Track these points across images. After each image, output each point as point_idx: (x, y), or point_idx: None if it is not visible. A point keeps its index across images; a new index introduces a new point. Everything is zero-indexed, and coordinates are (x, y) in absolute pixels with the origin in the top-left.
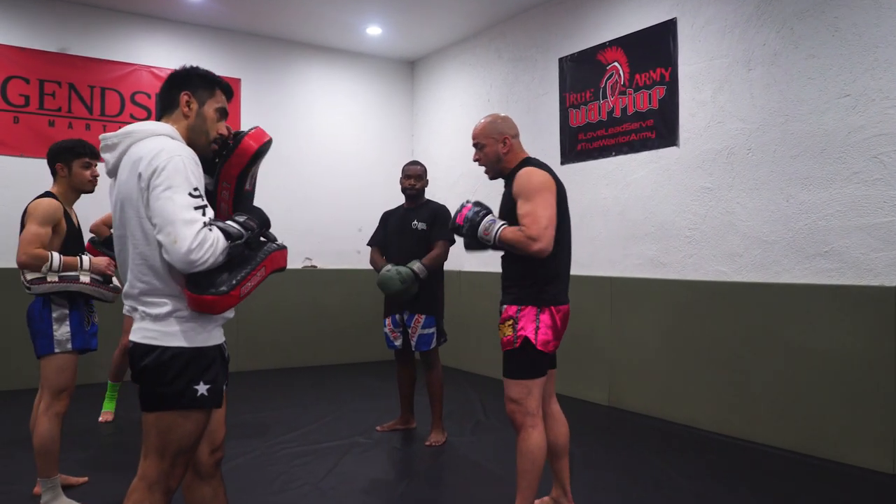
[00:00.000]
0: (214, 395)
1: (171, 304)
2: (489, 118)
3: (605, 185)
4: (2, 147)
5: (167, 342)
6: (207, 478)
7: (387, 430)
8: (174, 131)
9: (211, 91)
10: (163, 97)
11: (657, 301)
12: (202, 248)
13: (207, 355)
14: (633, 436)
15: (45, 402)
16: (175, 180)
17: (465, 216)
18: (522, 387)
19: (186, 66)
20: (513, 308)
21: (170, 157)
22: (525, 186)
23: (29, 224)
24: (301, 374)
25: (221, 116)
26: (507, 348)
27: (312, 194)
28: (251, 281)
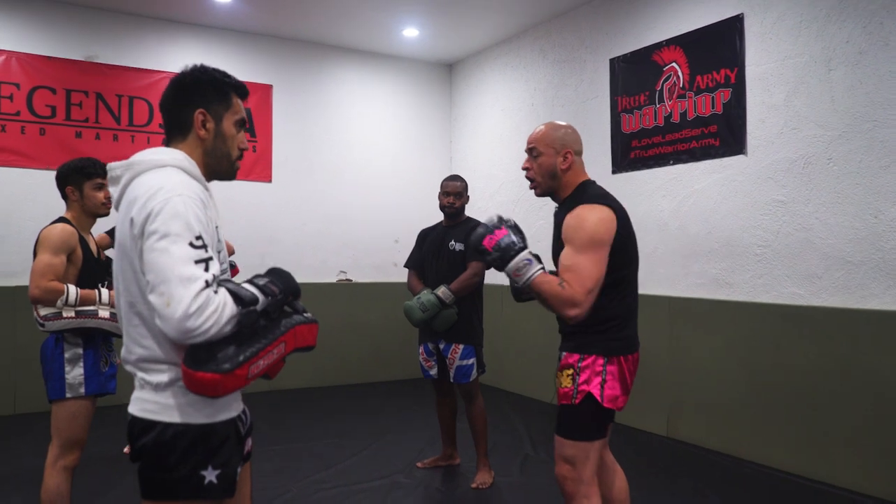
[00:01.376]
0: (225, 482)
1: (173, 371)
2: (551, 124)
3: (662, 197)
4: (28, 160)
5: (169, 417)
6: None
7: (428, 466)
8: (186, 160)
9: (227, 101)
10: (171, 116)
11: (722, 324)
12: (202, 313)
13: (218, 433)
14: (695, 472)
15: (53, 452)
16: (172, 226)
17: (496, 242)
18: (578, 449)
19: (193, 70)
20: (574, 356)
21: (167, 197)
22: (577, 232)
23: (41, 253)
24: (337, 393)
25: (241, 128)
26: (563, 402)
27: (347, 205)
28: (265, 359)
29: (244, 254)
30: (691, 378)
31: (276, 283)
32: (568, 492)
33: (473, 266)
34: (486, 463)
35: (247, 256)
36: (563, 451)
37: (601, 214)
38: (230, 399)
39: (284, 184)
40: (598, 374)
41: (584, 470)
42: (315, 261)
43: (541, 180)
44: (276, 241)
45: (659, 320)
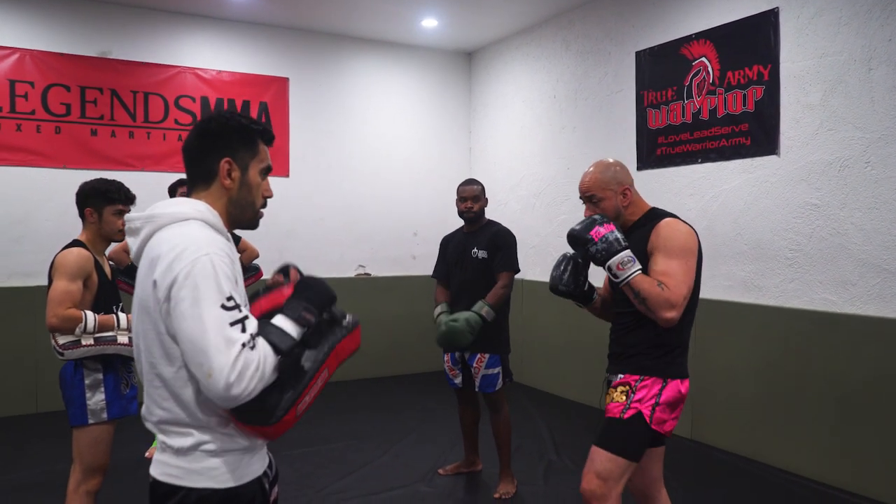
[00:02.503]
0: None
1: (196, 434)
2: (601, 165)
3: (688, 196)
4: (45, 159)
5: (192, 483)
6: None
7: (450, 472)
8: (209, 212)
9: (253, 149)
10: (195, 163)
11: (749, 328)
12: (244, 378)
13: (243, 496)
14: (719, 477)
15: (75, 477)
16: (202, 290)
17: (603, 235)
18: (615, 465)
19: (219, 116)
20: (633, 377)
21: (194, 259)
22: (670, 240)
23: (57, 280)
24: (358, 387)
25: (266, 175)
26: (611, 415)
27: (365, 198)
28: (309, 394)
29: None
30: (717, 381)
31: (311, 309)
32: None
33: (504, 277)
34: (509, 472)
35: (265, 252)
36: (597, 464)
37: (690, 229)
38: (257, 456)
39: (302, 178)
40: (654, 397)
41: (614, 489)
42: (334, 255)
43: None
44: (295, 235)
45: None
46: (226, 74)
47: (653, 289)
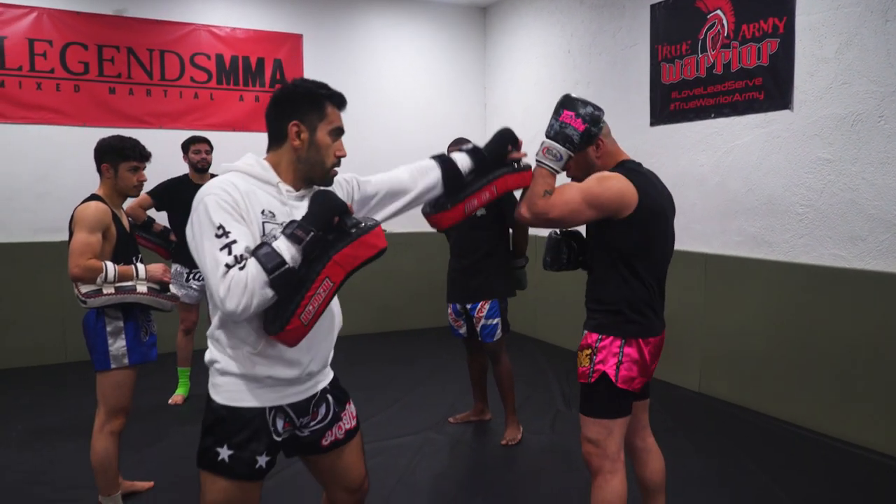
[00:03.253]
0: (238, 464)
1: (212, 351)
2: None
3: (701, 151)
4: (65, 117)
5: (210, 392)
6: None
7: (460, 421)
8: (257, 165)
9: (321, 112)
10: (270, 128)
11: (759, 283)
12: (234, 295)
13: (240, 418)
14: (726, 429)
15: (100, 419)
16: (202, 225)
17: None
18: (601, 427)
19: (290, 84)
20: (593, 336)
21: (198, 202)
22: (589, 180)
23: (78, 232)
24: (372, 341)
25: (337, 137)
26: (581, 380)
27: (380, 155)
28: (312, 303)
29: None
30: (725, 335)
31: (304, 226)
32: (594, 466)
33: (521, 228)
34: (515, 419)
35: None
36: (586, 430)
37: (620, 182)
38: (261, 391)
39: None
40: (615, 356)
41: (609, 445)
42: None
43: (584, 175)
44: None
45: (694, 277)
46: (240, 31)
47: (536, 186)
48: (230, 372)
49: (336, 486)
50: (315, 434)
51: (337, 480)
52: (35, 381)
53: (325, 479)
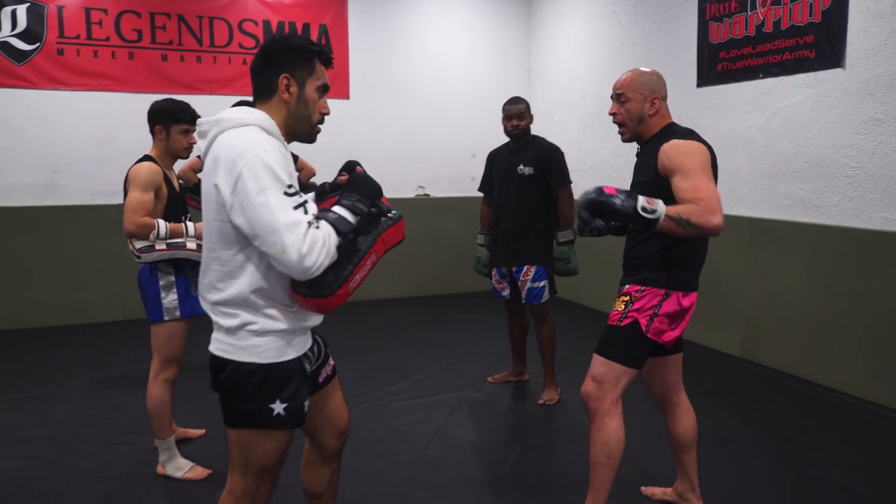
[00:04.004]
0: (293, 414)
1: (242, 315)
2: (637, 70)
3: (749, 112)
4: (120, 84)
5: (240, 357)
6: (329, 460)
7: (498, 381)
8: (267, 121)
9: (310, 67)
10: (258, 79)
11: (806, 248)
12: (313, 251)
13: (284, 371)
14: (768, 395)
15: (155, 368)
16: (264, 181)
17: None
18: (610, 369)
19: (280, 37)
20: (635, 288)
21: (253, 156)
22: (686, 157)
23: (132, 191)
24: (416, 304)
25: (323, 93)
26: (610, 322)
27: (425, 120)
28: (360, 273)
29: (325, 171)
30: (769, 300)
31: (363, 200)
32: (591, 408)
33: (564, 192)
34: (553, 381)
35: (328, 174)
36: (594, 368)
37: (702, 147)
38: (297, 339)
39: (362, 100)
40: (652, 308)
41: (611, 392)
42: (394, 176)
43: (630, 125)
44: (355, 156)
45: (739, 241)
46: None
47: (689, 208)
48: (271, 330)
49: (325, 431)
50: (314, 373)
51: (327, 423)
52: (97, 336)
53: (317, 425)
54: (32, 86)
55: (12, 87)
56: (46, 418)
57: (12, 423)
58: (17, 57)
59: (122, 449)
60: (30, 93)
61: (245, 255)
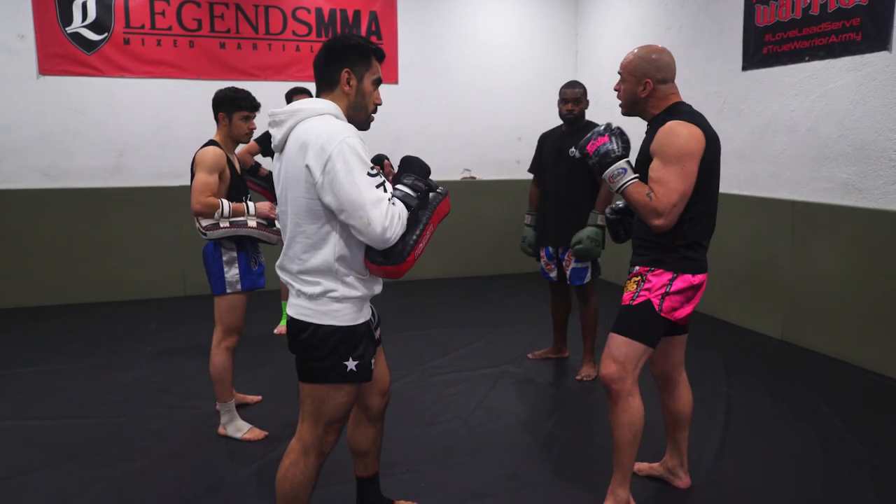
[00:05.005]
0: (363, 370)
1: (324, 283)
2: (641, 52)
3: (794, 96)
4: (182, 71)
5: (320, 320)
6: (374, 420)
7: (538, 357)
8: (338, 110)
9: (367, 63)
10: (321, 73)
11: (848, 231)
12: (393, 224)
13: (357, 333)
14: (807, 379)
15: (217, 336)
16: (352, 164)
17: (596, 148)
18: (630, 348)
19: (342, 36)
20: (645, 269)
21: (341, 141)
22: (665, 146)
23: (199, 173)
24: (460, 285)
25: (377, 86)
26: (623, 303)
27: (472, 103)
28: (423, 242)
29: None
30: (810, 283)
31: (420, 178)
32: (613, 390)
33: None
34: (592, 358)
35: None
36: (613, 349)
37: (689, 133)
38: (366, 306)
39: (410, 85)
40: (663, 287)
41: (631, 372)
42: (441, 159)
43: (625, 104)
44: (403, 141)
45: (781, 224)
46: None
47: (641, 199)
48: (349, 297)
49: (373, 390)
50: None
51: (375, 382)
52: (160, 311)
53: (366, 385)
54: (101, 74)
55: (83, 75)
56: (115, 384)
57: (84, 388)
58: (87, 46)
59: (186, 412)
60: (98, 80)
61: (330, 228)
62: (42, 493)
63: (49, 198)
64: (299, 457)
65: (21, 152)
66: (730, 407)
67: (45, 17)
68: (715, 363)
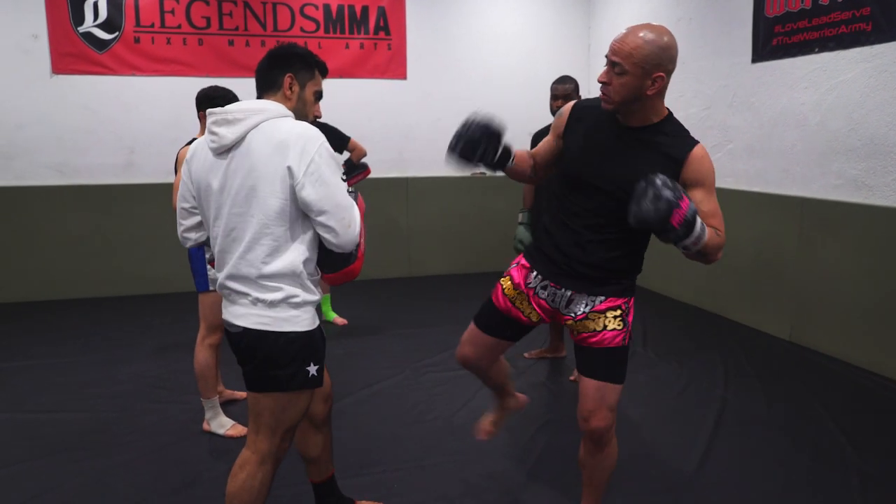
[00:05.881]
0: (321, 374)
1: (286, 288)
2: (651, 35)
3: (803, 89)
4: (191, 69)
5: (282, 328)
6: (320, 426)
7: (534, 357)
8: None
9: (311, 73)
10: (264, 76)
11: (858, 229)
12: (356, 227)
13: (315, 337)
14: (814, 382)
15: (201, 333)
16: (332, 166)
17: (684, 217)
18: (619, 393)
19: (286, 46)
20: (621, 300)
21: (320, 144)
22: (708, 175)
23: (178, 173)
24: (467, 281)
25: (318, 99)
26: (612, 344)
27: (481, 99)
28: (363, 237)
29: (383, 150)
30: (820, 284)
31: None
32: (604, 440)
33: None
34: None
35: (386, 152)
36: (609, 399)
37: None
38: (316, 311)
39: (419, 81)
40: (632, 316)
41: (614, 414)
42: None
43: (618, 100)
44: (413, 137)
45: (789, 222)
46: None
47: (714, 240)
48: (309, 301)
49: (317, 397)
50: None
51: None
52: (166, 306)
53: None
54: (112, 72)
55: (94, 73)
56: (111, 379)
57: (80, 381)
58: (99, 46)
59: (176, 408)
60: (110, 79)
61: (295, 230)
62: (20, 486)
63: (62, 194)
64: (255, 468)
65: (35, 150)
66: (722, 410)
67: (58, 17)
68: (715, 363)
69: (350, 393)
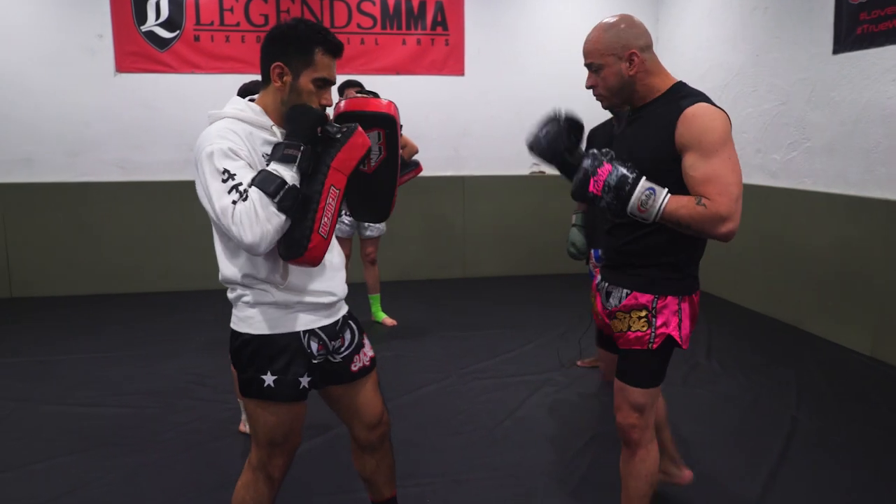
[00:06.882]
0: (283, 387)
1: (238, 289)
2: (602, 26)
3: (891, 81)
4: (250, 66)
5: (238, 328)
6: (368, 451)
7: (587, 365)
8: (248, 110)
9: (308, 58)
10: (261, 66)
11: None
12: (245, 227)
13: (276, 344)
14: (892, 403)
15: None
16: (207, 174)
17: (604, 183)
18: (649, 396)
19: (284, 25)
20: (646, 297)
21: (199, 150)
22: (702, 135)
23: None
24: (522, 283)
25: (322, 86)
26: (635, 346)
27: (541, 96)
28: (325, 215)
29: (439, 147)
30: None
31: (292, 143)
32: (634, 440)
33: None
34: None
35: (442, 149)
36: (635, 399)
37: (722, 114)
38: (299, 315)
39: (477, 77)
40: (675, 314)
41: (650, 415)
42: (508, 153)
43: (609, 94)
44: (470, 134)
45: (874, 227)
46: None
47: (693, 212)
48: (262, 302)
49: (354, 423)
50: (346, 359)
51: (355, 415)
52: (220, 301)
53: (346, 416)
54: (172, 70)
55: (156, 72)
56: (157, 374)
57: (124, 376)
58: (160, 44)
59: (217, 406)
60: (170, 77)
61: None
62: (54, 481)
63: (122, 190)
64: (249, 477)
65: (98, 147)
66: (793, 432)
67: (122, 17)
68: (786, 379)
69: (391, 399)
